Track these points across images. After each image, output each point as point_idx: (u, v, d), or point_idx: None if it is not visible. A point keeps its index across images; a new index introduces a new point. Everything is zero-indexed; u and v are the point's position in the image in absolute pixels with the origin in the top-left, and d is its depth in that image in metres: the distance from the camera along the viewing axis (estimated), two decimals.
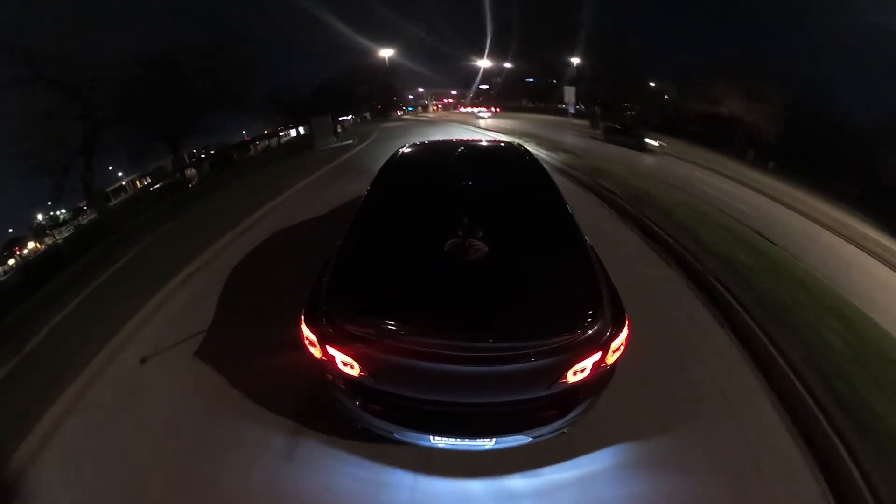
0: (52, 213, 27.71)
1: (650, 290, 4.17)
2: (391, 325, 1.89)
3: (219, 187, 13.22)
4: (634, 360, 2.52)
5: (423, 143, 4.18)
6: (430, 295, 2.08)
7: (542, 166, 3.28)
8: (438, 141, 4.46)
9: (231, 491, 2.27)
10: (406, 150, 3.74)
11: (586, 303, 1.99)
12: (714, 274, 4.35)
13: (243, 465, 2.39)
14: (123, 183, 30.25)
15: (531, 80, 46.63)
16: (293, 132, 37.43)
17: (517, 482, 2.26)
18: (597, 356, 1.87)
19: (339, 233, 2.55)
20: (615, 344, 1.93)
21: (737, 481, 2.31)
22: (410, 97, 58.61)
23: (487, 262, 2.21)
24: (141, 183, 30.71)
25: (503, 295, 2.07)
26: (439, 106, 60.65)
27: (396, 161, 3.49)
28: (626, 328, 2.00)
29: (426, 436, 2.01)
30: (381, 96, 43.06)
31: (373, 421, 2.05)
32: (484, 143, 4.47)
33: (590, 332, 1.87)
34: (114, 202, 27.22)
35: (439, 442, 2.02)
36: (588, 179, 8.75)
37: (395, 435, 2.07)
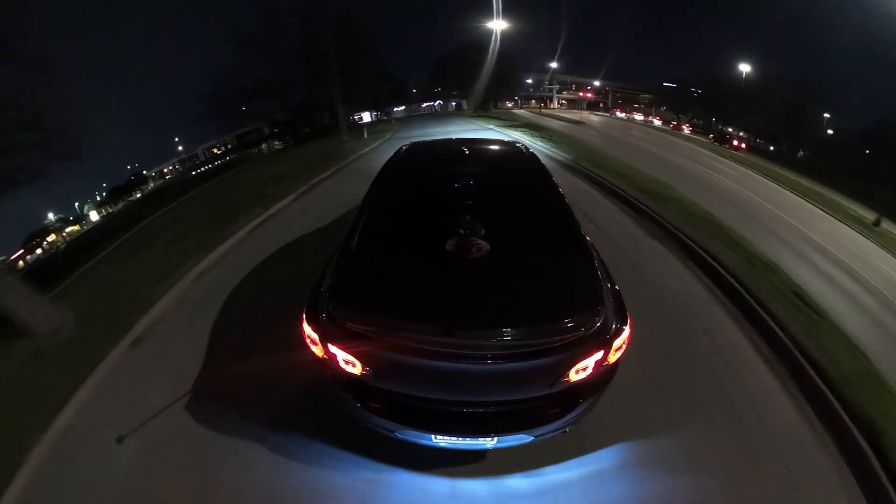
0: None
1: None
2: (393, 323, 1.88)
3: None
4: None
5: (427, 141, 4.18)
6: (432, 293, 2.06)
7: (543, 165, 3.28)
8: (441, 139, 4.46)
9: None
10: (409, 147, 3.73)
11: (589, 301, 1.99)
12: None
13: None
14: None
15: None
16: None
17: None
18: (599, 355, 1.87)
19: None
20: (617, 342, 1.92)
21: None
22: (528, 81, 43.44)
23: (490, 260, 2.20)
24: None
25: (505, 293, 2.06)
26: (565, 103, 46.12)
27: (399, 159, 3.47)
28: (627, 327, 1.99)
29: (428, 434, 2.00)
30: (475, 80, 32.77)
31: (374, 419, 2.04)
32: (486, 142, 4.48)
33: (592, 330, 1.86)
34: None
35: (441, 441, 2.01)
36: None
37: (397, 434, 2.06)
